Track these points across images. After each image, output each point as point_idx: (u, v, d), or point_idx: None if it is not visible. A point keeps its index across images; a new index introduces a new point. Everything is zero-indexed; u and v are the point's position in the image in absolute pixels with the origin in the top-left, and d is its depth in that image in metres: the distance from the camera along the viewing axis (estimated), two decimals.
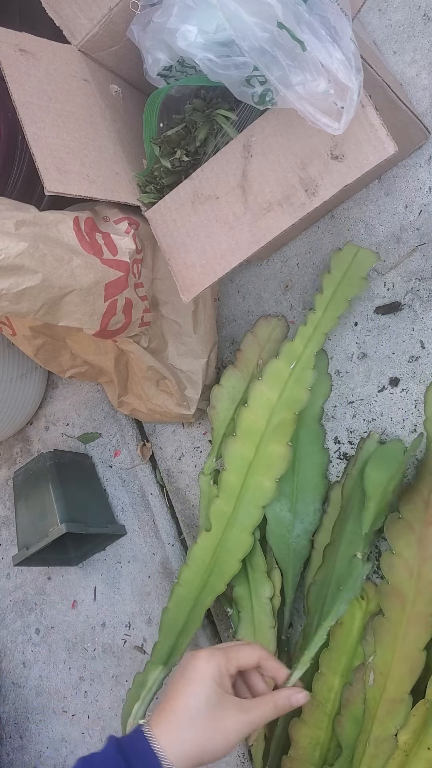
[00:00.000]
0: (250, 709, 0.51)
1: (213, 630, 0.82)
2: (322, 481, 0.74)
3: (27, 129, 0.62)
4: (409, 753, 0.58)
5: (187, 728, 0.50)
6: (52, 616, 0.98)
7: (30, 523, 0.89)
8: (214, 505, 0.72)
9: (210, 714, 0.50)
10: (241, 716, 0.50)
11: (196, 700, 0.50)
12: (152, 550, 0.90)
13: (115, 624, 0.92)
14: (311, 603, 0.68)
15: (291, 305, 0.82)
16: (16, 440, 1.07)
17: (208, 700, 0.50)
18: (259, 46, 0.51)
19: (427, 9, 0.75)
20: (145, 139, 0.70)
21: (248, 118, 0.67)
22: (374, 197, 0.77)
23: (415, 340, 0.73)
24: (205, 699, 0.50)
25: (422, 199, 0.74)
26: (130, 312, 0.70)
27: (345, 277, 0.73)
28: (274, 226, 0.62)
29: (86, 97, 0.71)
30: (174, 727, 0.50)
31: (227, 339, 0.87)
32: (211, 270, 0.65)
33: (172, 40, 0.59)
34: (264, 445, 0.71)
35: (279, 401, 0.71)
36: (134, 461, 0.92)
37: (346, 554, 0.67)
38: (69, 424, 1.00)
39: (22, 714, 0.99)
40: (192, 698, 0.50)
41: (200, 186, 0.66)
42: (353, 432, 0.76)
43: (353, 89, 0.52)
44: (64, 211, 0.67)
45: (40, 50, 0.68)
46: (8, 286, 0.58)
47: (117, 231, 0.69)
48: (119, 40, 0.71)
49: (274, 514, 0.73)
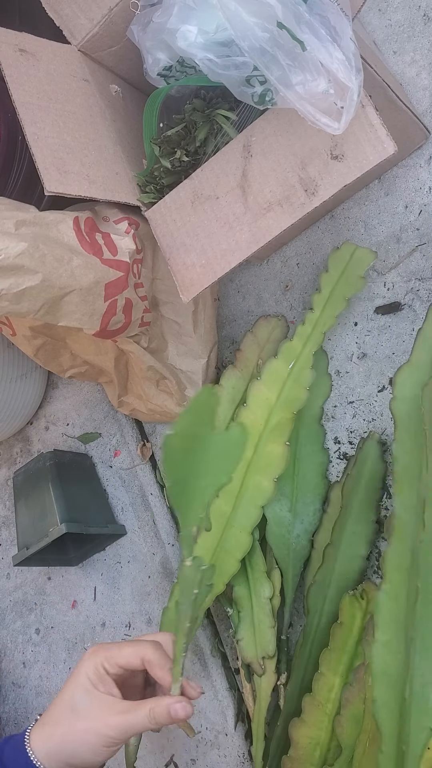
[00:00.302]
0: (122, 712, 0.47)
1: (213, 630, 0.82)
2: (322, 481, 0.74)
3: (27, 129, 0.62)
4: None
5: (52, 725, 0.48)
6: (52, 616, 0.98)
7: (30, 523, 0.89)
8: (213, 505, 0.72)
9: (74, 712, 0.47)
10: (110, 718, 0.46)
11: (64, 696, 0.48)
12: (152, 550, 0.90)
13: (115, 624, 0.92)
14: (311, 603, 0.68)
15: (291, 305, 0.82)
16: (16, 440, 1.07)
17: (74, 697, 0.48)
18: (259, 46, 0.52)
19: (427, 9, 0.75)
20: (145, 139, 0.70)
21: (248, 118, 0.67)
22: (374, 197, 0.77)
23: None
24: (71, 696, 0.48)
25: (422, 199, 0.74)
26: (130, 312, 0.70)
27: (343, 276, 0.73)
28: (273, 226, 0.62)
29: (86, 97, 0.71)
30: (43, 724, 0.48)
31: (227, 339, 0.87)
32: (210, 270, 0.65)
33: (172, 40, 0.59)
34: (262, 445, 0.71)
35: (278, 401, 0.71)
36: (134, 461, 0.92)
37: (346, 554, 0.67)
38: (69, 424, 1.00)
39: (22, 714, 0.99)
40: (63, 694, 0.48)
41: (200, 186, 0.66)
42: (353, 432, 0.76)
43: (353, 89, 0.52)
44: (64, 211, 0.67)
45: (40, 50, 0.68)
46: (8, 286, 0.58)
47: (117, 231, 0.69)
48: (119, 40, 0.71)
49: (274, 514, 0.73)
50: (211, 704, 0.80)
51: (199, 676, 0.82)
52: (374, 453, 0.71)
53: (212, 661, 0.81)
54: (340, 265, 0.74)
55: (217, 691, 0.80)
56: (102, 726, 0.46)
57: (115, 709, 0.47)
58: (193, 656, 0.82)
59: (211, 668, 0.81)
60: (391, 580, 0.58)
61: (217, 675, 0.80)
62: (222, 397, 0.78)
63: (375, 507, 0.69)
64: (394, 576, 0.58)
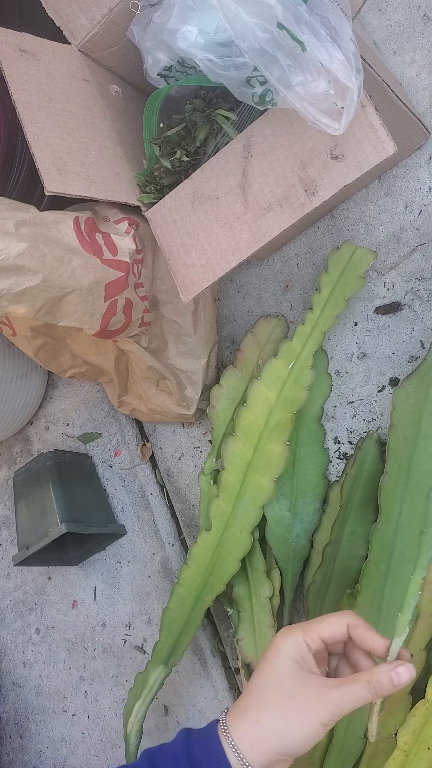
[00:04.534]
0: (338, 686, 0.42)
1: (213, 630, 0.82)
2: (321, 481, 0.74)
3: (27, 129, 0.62)
4: (409, 753, 0.58)
5: (256, 711, 0.43)
6: (52, 616, 0.98)
7: (30, 523, 0.89)
8: (213, 504, 0.72)
9: (284, 695, 0.43)
10: (326, 693, 0.42)
11: (268, 680, 0.43)
12: (152, 550, 0.90)
13: (115, 624, 0.92)
14: (311, 603, 0.68)
15: (291, 305, 0.82)
16: (16, 440, 1.07)
17: (281, 679, 0.43)
18: (259, 46, 0.52)
19: (427, 9, 0.75)
20: (145, 139, 0.70)
21: (248, 118, 0.67)
22: (374, 197, 0.77)
23: (415, 340, 0.73)
24: (278, 679, 0.43)
25: (422, 199, 0.74)
26: (130, 312, 0.70)
27: (342, 276, 0.73)
28: (273, 226, 0.62)
29: (86, 97, 0.71)
30: (244, 711, 0.44)
31: (227, 339, 0.87)
32: (210, 270, 0.65)
33: (173, 40, 0.59)
34: (262, 445, 0.71)
35: (278, 401, 0.71)
36: (134, 461, 0.92)
37: (345, 554, 0.67)
38: (69, 424, 1.00)
39: (22, 714, 0.99)
40: (265, 678, 0.44)
41: (200, 186, 0.66)
42: (353, 432, 0.76)
43: (353, 89, 0.52)
44: (65, 212, 0.67)
45: (40, 50, 0.68)
46: (8, 286, 0.58)
47: (117, 231, 0.69)
48: (119, 40, 0.71)
49: (274, 514, 0.73)
50: (211, 704, 0.80)
51: (199, 676, 0.82)
52: (373, 452, 0.71)
53: (212, 661, 0.81)
54: (340, 265, 0.74)
55: (217, 691, 0.80)
56: (320, 702, 0.42)
57: (329, 684, 0.43)
58: (193, 656, 0.82)
59: (211, 668, 0.81)
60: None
61: (217, 675, 0.80)
62: (222, 396, 0.78)
63: (374, 507, 0.69)
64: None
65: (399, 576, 0.61)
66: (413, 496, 0.62)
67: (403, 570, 0.61)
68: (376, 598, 0.61)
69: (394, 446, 0.65)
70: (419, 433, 0.63)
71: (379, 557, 0.62)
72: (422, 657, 0.60)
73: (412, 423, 0.64)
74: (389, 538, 0.62)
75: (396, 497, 0.63)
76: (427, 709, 0.58)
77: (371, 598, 0.61)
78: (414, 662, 0.59)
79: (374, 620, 0.61)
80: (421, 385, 0.64)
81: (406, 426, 0.64)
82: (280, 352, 0.73)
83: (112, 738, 0.90)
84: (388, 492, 0.64)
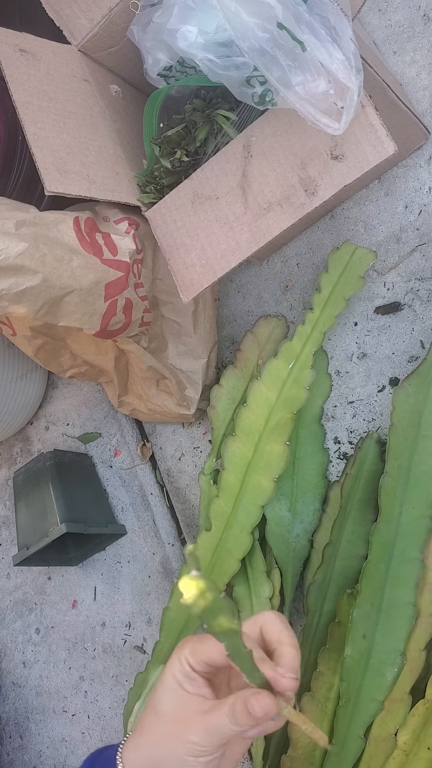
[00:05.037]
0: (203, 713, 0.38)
1: None
2: (321, 481, 0.74)
3: (27, 129, 0.62)
4: (409, 753, 0.58)
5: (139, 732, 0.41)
6: (52, 616, 0.98)
7: (30, 523, 0.89)
8: (213, 504, 0.72)
9: (157, 716, 0.40)
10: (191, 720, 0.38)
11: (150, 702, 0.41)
12: (152, 550, 0.90)
13: (115, 624, 0.92)
14: (311, 603, 0.68)
15: (291, 305, 0.82)
16: (16, 440, 1.07)
17: (157, 701, 0.40)
18: (259, 46, 0.52)
19: (427, 9, 0.75)
20: (145, 139, 0.70)
21: (248, 118, 0.67)
22: (374, 197, 0.77)
23: (415, 340, 0.73)
24: (155, 700, 0.41)
25: (422, 199, 0.74)
26: (130, 312, 0.70)
27: (342, 276, 0.73)
28: (273, 226, 0.62)
29: (86, 97, 0.71)
30: (135, 734, 0.42)
31: (227, 339, 0.87)
32: (210, 270, 0.65)
33: (173, 40, 0.59)
34: (262, 445, 0.71)
35: (278, 401, 0.71)
36: (134, 461, 0.92)
37: (345, 554, 0.67)
38: (69, 424, 1.00)
39: (22, 714, 0.99)
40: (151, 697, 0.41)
41: (200, 186, 0.66)
42: (353, 432, 0.76)
43: (353, 89, 0.52)
44: (64, 211, 0.67)
45: (40, 50, 0.68)
46: (8, 286, 0.58)
47: (117, 231, 0.69)
48: (119, 40, 0.71)
49: (274, 514, 0.73)
50: None
51: None
52: (373, 453, 0.71)
53: None
54: (340, 265, 0.74)
55: None
56: (183, 730, 0.38)
57: (198, 709, 0.38)
58: None
59: None
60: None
61: None
62: (222, 396, 0.78)
63: (374, 507, 0.69)
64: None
65: (399, 576, 0.61)
66: (413, 496, 0.62)
67: (403, 570, 0.61)
68: (376, 598, 0.61)
69: (394, 446, 0.65)
70: (419, 433, 0.63)
71: (379, 557, 0.62)
72: (422, 657, 0.60)
73: (412, 423, 0.64)
74: (389, 538, 0.62)
75: (396, 497, 0.63)
76: (427, 709, 0.58)
77: (371, 598, 0.61)
78: (414, 662, 0.59)
79: (374, 620, 0.61)
80: (421, 385, 0.64)
81: (406, 426, 0.64)
82: (280, 352, 0.73)
83: (112, 738, 0.90)
84: (388, 492, 0.63)
